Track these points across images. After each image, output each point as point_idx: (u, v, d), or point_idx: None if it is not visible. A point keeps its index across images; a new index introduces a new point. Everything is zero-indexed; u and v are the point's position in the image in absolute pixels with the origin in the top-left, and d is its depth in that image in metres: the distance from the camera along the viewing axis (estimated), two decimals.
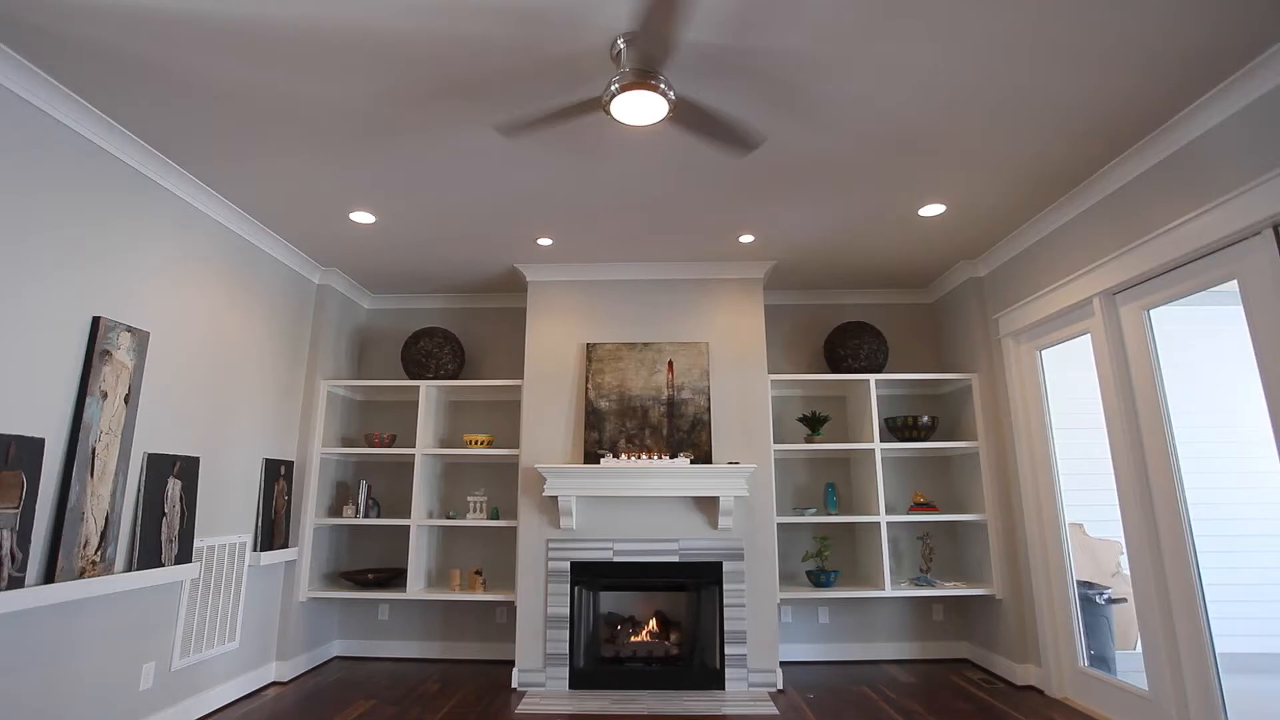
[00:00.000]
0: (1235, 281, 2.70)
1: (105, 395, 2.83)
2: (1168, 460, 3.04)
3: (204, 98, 2.69)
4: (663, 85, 2.34)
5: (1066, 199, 3.58)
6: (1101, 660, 3.71)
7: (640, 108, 2.40)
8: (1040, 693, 3.87)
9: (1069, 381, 3.97)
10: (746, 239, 4.15)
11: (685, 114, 2.75)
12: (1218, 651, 2.86)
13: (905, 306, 5.21)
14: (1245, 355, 2.80)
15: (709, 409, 4.34)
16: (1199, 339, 3.43)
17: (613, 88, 2.33)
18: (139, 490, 3.06)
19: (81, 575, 2.69)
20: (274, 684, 4.07)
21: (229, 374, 3.77)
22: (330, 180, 3.39)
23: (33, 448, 2.50)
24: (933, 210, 3.75)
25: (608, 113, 2.43)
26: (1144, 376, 3.17)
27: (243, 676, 3.84)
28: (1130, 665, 3.53)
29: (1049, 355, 4.02)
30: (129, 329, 2.97)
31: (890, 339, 5.14)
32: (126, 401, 2.95)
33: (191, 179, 3.37)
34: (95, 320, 2.81)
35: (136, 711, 3.07)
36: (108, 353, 2.85)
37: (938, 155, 3.16)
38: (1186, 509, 2.98)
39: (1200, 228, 2.77)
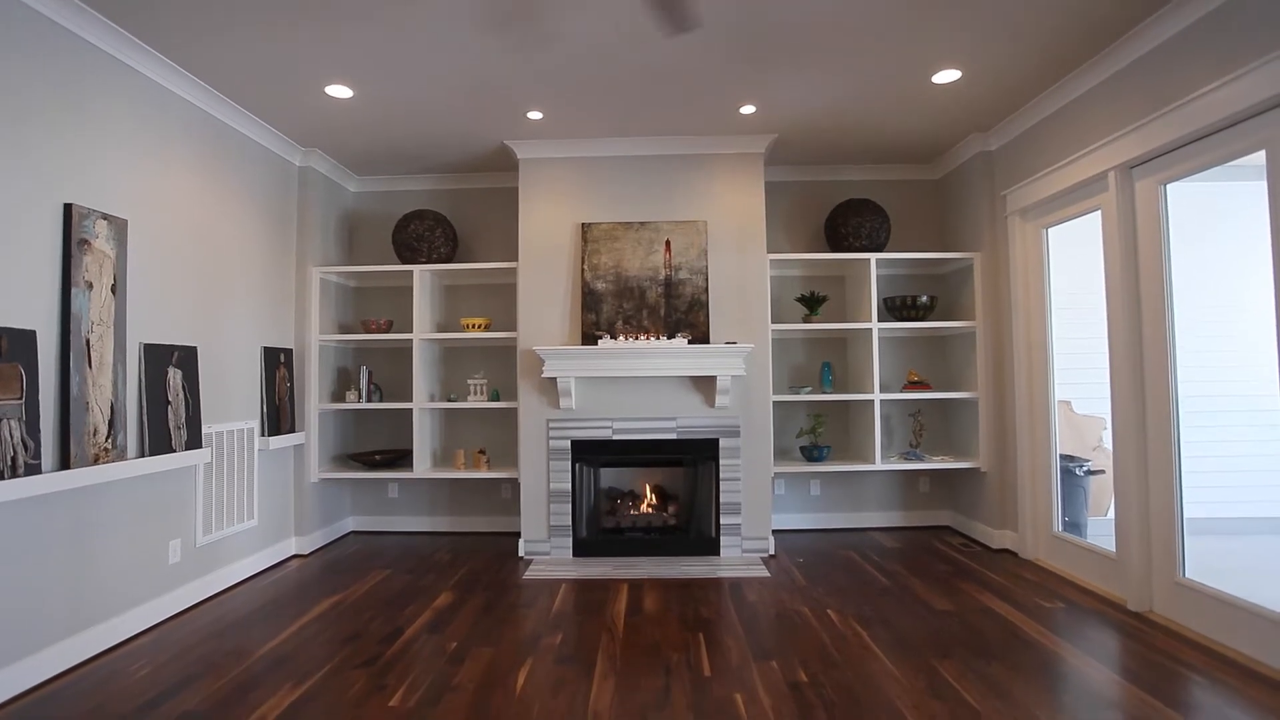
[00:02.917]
0: (1262, 153, 2.57)
1: (91, 286, 2.77)
2: (1164, 337, 3.06)
3: None
4: None
5: (1091, 64, 3.34)
6: (1074, 526, 3.94)
7: None
8: (1014, 555, 4.14)
9: (1071, 260, 3.92)
10: (748, 110, 3.92)
11: None
12: (1185, 517, 3.02)
13: (910, 183, 5.03)
14: (1248, 233, 2.75)
15: (707, 289, 4.30)
16: (1206, 217, 3.35)
17: None
18: (140, 380, 3.08)
19: (96, 462, 2.76)
20: (295, 556, 4.33)
21: (216, 262, 3.68)
22: (303, 50, 3.13)
23: (25, 340, 2.48)
24: (947, 76, 3.51)
25: None
26: (1151, 254, 3.12)
27: (265, 550, 4.07)
28: (1100, 530, 3.75)
29: (1054, 234, 3.93)
30: (104, 216, 2.86)
31: (893, 217, 5.00)
32: (114, 292, 2.90)
33: (155, 54, 3.12)
34: (67, 208, 2.69)
35: (169, 582, 3.28)
36: (86, 241, 2.75)
37: (958, 9, 2.91)
38: (1176, 385, 3.04)
39: (1231, 94, 2.60)
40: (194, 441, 3.37)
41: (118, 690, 2.52)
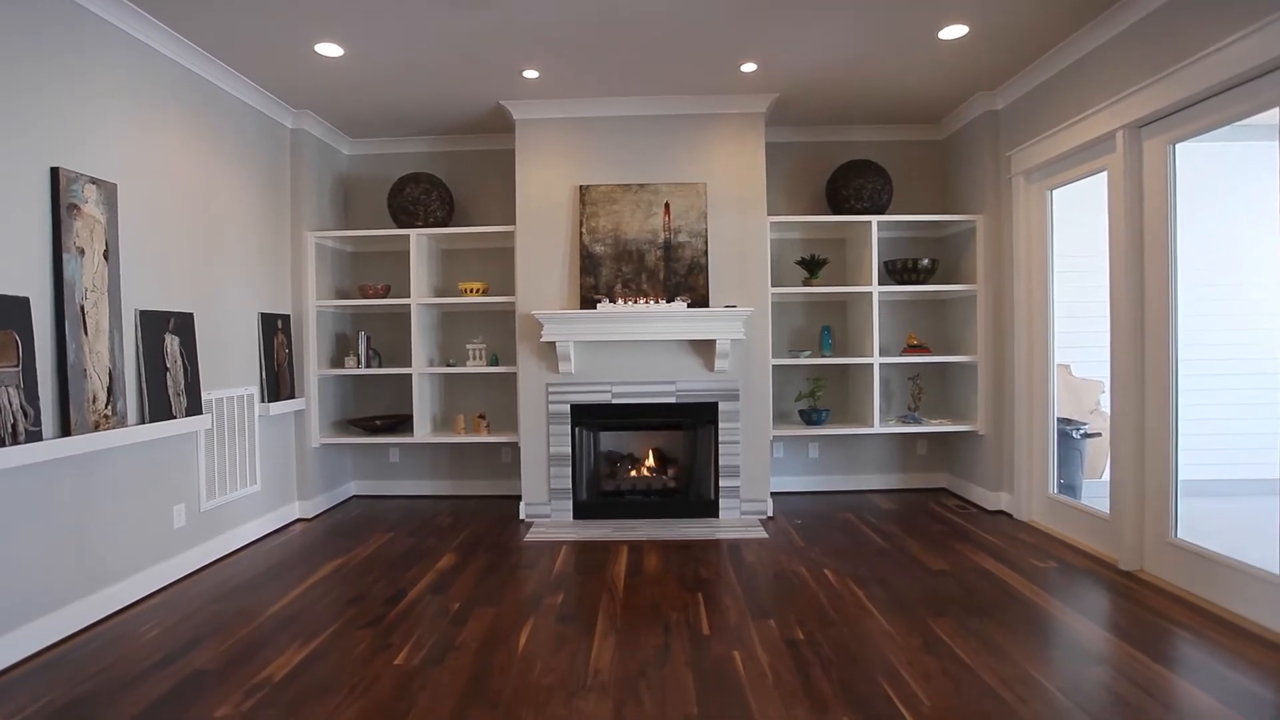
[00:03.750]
0: (1274, 111, 2.52)
1: (83, 251, 2.74)
2: (1166, 299, 3.04)
3: None
4: None
5: (1101, 19, 3.24)
6: (1069, 488, 3.98)
7: None
8: (1009, 516, 4.20)
9: (1074, 223, 3.88)
10: (749, 68, 3.82)
11: None
12: (1180, 479, 3.05)
13: (914, 144, 4.94)
14: (1254, 194, 2.72)
15: (706, 252, 4.26)
16: (1211, 180, 3.30)
17: None
18: (137, 347, 3.07)
19: (96, 429, 2.77)
20: (299, 520, 4.39)
21: (209, 227, 3.63)
22: (290, 4, 3.03)
23: (19, 307, 2.47)
24: (954, 32, 3.41)
25: None
26: (1157, 214, 3.08)
27: (269, 514, 4.11)
28: (1095, 492, 3.79)
29: (1059, 195, 3.88)
30: (92, 180, 2.81)
31: (895, 179, 4.92)
32: (106, 258, 2.87)
33: (138, 11, 3.02)
34: (54, 171, 2.64)
35: (175, 546, 3.32)
36: (75, 206, 2.71)
37: None
38: (1176, 348, 3.03)
39: (1244, 50, 2.54)
40: (194, 408, 3.38)
41: (129, 650, 2.57)
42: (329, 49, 3.47)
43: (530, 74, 3.86)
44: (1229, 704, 2.07)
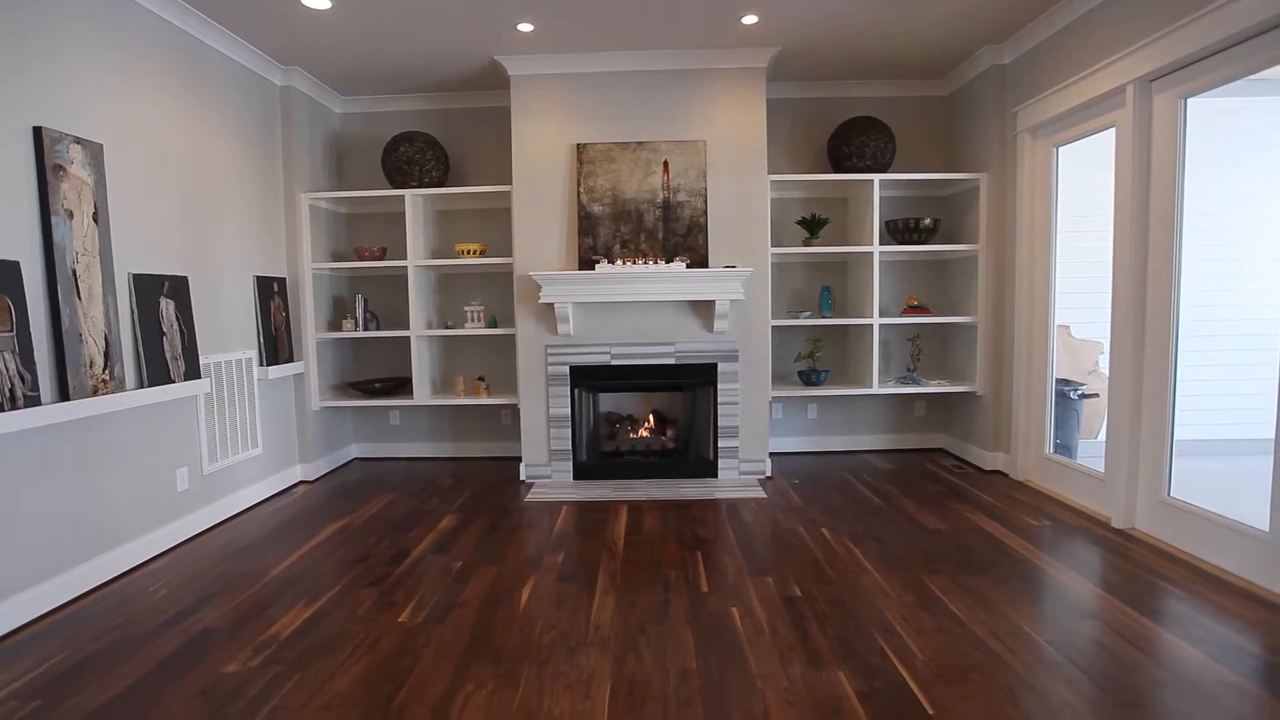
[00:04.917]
0: None
1: (71, 214, 2.70)
2: (1170, 259, 3.01)
3: None
4: None
5: None
6: (1065, 448, 4.01)
7: None
8: (1005, 476, 4.24)
9: (1078, 183, 3.82)
10: (750, 20, 3.71)
11: None
12: (1175, 439, 3.07)
13: (918, 100, 4.83)
14: (1262, 150, 2.66)
15: (706, 212, 4.21)
16: (1222, 138, 3.23)
17: None
18: (132, 311, 3.05)
19: (95, 394, 2.77)
20: (301, 482, 4.43)
21: (200, 188, 3.57)
22: None
23: (10, 272, 2.44)
24: None
25: None
26: (1165, 171, 3.03)
27: (272, 477, 4.15)
28: (1090, 452, 3.82)
29: (1065, 153, 3.81)
30: (77, 140, 2.74)
31: (899, 136, 4.83)
32: (95, 220, 2.82)
33: None
34: (37, 131, 2.58)
35: (180, 508, 3.36)
36: (61, 167, 2.66)
37: None
38: (1178, 309, 3.01)
39: None
40: (192, 372, 3.37)
41: (139, 609, 2.62)
42: (316, 0, 3.36)
43: (525, 27, 3.74)
44: (1217, 658, 2.12)
